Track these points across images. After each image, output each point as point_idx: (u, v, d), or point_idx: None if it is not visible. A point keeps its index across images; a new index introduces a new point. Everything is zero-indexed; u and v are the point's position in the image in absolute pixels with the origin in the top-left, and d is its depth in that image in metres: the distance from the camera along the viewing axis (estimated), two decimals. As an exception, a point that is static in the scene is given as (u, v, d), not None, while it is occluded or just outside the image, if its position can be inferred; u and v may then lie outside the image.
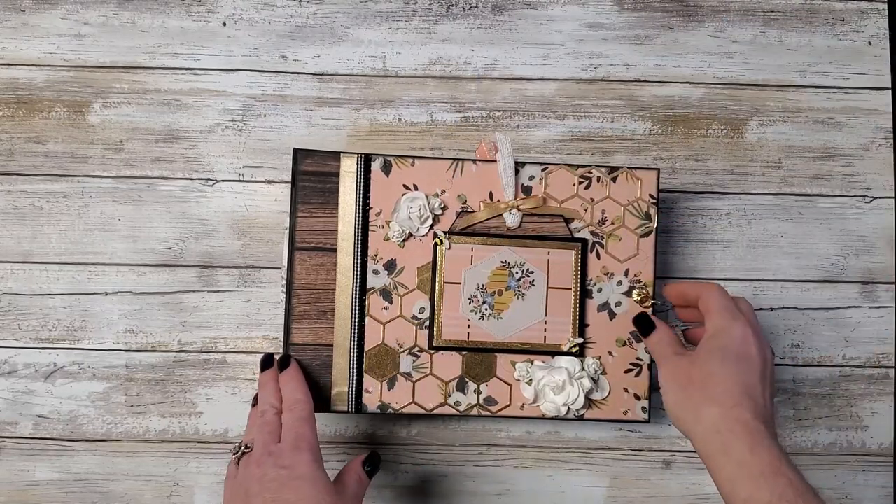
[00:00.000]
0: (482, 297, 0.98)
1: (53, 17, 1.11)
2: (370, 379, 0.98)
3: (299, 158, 0.97)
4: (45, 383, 1.08)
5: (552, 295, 0.99)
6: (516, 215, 0.97)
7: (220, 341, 1.09)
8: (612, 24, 1.15)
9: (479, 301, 0.98)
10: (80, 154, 1.10)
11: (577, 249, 0.99)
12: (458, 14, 1.14)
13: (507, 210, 0.97)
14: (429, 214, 0.97)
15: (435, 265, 0.98)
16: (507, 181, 0.96)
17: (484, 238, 0.98)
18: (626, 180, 1.01)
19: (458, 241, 0.98)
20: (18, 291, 1.08)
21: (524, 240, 0.99)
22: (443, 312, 0.98)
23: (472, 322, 0.98)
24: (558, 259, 0.99)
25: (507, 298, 0.99)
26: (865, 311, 1.13)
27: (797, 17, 1.16)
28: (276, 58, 1.12)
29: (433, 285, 0.98)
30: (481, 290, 0.98)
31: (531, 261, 0.98)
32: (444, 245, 0.97)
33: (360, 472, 0.91)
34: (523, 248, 0.99)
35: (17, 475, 1.07)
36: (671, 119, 1.14)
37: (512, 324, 0.99)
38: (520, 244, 0.99)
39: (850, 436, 1.12)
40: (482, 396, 0.99)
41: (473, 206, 0.99)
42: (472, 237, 0.98)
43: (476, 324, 0.98)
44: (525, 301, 0.99)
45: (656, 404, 1.08)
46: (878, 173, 1.14)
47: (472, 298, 0.98)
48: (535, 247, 0.99)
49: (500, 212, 0.97)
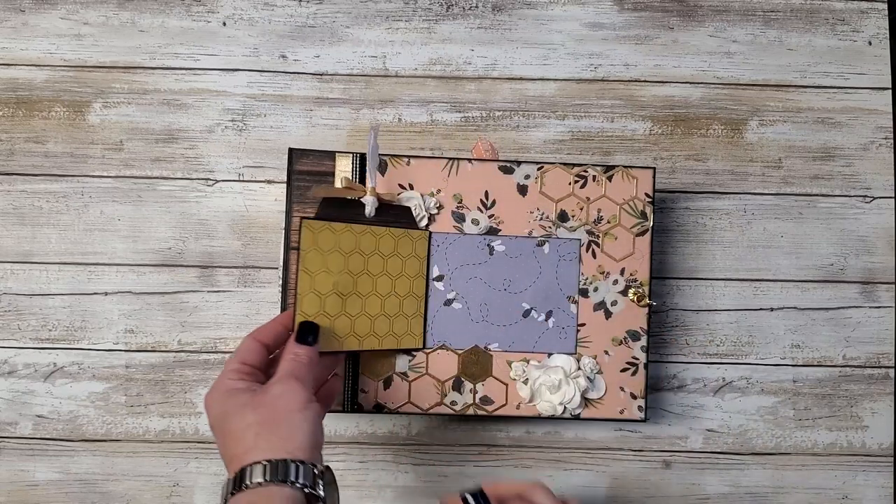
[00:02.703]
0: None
1: (53, 17, 1.11)
2: (366, 378, 0.98)
3: (294, 158, 0.97)
4: (45, 383, 1.08)
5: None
6: (373, 202, 0.95)
7: (220, 341, 1.09)
8: (612, 24, 1.15)
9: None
10: (80, 154, 1.10)
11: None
12: (458, 14, 1.14)
13: (362, 194, 0.95)
14: (424, 214, 0.97)
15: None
16: (370, 171, 0.94)
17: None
18: (622, 179, 1.01)
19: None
20: (18, 291, 1.08)
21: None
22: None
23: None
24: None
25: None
26: (865, 311, 1.13)
27: (797, 17, 1.15)
28: (276, 58, 1.12)
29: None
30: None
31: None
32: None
33: (296, 349, 0.85)
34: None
35: (17, 475, 1.07)
36: (671, 119, 1.14)
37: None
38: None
39: (850, 436, 1.12)
40: (478, 396, 0.99)
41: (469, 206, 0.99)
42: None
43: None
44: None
45: (653, 404, 1.09)
46: (878, 173, 1.14)
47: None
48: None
49: (356, 192, 0.94)
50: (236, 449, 0.75)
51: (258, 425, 0.76)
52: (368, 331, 0.95)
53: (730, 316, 1.12)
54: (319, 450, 0.78)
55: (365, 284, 0.94)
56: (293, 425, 0.76)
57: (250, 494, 0.71)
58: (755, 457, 1.11)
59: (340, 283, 0.92)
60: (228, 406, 0.79)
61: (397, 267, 0.97)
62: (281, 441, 0.75)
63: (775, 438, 1.11)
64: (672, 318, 1.11)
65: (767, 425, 1.12)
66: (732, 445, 1.11)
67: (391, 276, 0.96)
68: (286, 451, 0.74)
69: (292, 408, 0.77)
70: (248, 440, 0.75)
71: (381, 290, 0.96)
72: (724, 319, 1.12)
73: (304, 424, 0.77)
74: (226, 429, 0.78)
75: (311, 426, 0.77)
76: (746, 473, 1.11)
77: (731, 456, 1.11)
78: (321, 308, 0.91)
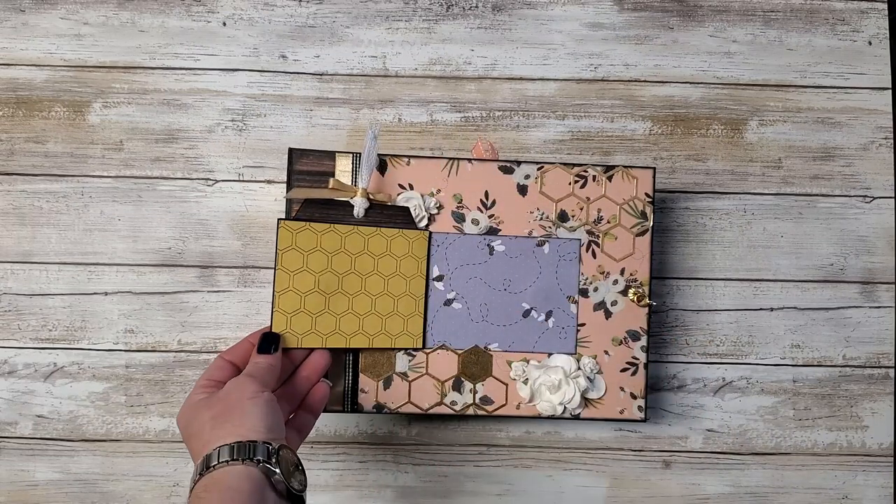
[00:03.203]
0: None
1: (53, 17, 1.11)
2: (366, 378, 0.98)
3: (294, 158, 0.97)
4: (45, 383, 1.08)
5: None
6: (362, 203, 0.95)
7: (220, 341, 1.09)
8: (612, 24, 1.15)
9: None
10: (80, 154, 1.10)
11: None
12: (458, 14, 1.14)
13: (353, 195, 0.95)
14: (424, 214, 0.97)
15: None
16: (366, 170, 0.94)
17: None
18: (622, 179, 1.01)
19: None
20: (18, 291, 1.08)
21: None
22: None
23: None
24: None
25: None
26: (865, 311, 1.13)
27: (797, 17, 1.15)
28: (276, 58, 1.12)
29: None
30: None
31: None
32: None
33: (256, 358, 0.89)
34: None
35: (17, 475, 1.07)
36: (671, 119, 1.14)
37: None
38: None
39: (850, 436, 1.12)
40: (478, 396, 0.99)
41: (469, 206, 0.99)
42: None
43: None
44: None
45: (653, 404, 1.09)
46: (878, 173, 1.14)
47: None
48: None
49: (340, 193, 0.95)
50: (198, 446, 0.79)
51: (213, 419, 0.79)
52: (356, 329, 0.95)
53: (730, 316, 1.12)
54: (277, 432, 0.80)
55: (352, 283, 0.95)
56: (244, 411, 0.79)
57: (208, 478, 0.74)
58: (755, 457, 1.11)
59: (323, 281, 0.93)
60: (190, 414, 0.83)
61: (391, 267, 0.97)
62: (234, 427, 0.78)
63: (775, 438, 1.11)
64: (672, 318, 1.11)
65: (767, 425, 1.12)
66: (732, 445, 1.11)
67: (383, 275, 0.96)
68: (240, 434, 0.77)
69: (242, 397, 0.81)
70: (206, 434, 0.78)
71: (372, 290, 0.96)
72: (724, 319, 1.12)
73: (255, 409, 0.80)
74: (189, 433, 0.81)
75: (263, 409, 0.80)
76: (746, 473, 1.11)
77: (731, 456, 1.11)
78: (301, 306, 0.93)
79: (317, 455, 1.09)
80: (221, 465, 0.74)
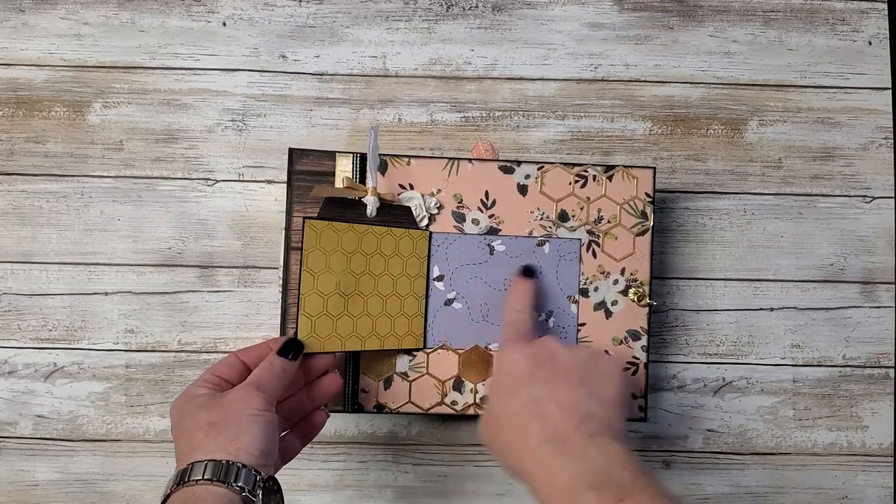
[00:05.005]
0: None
1: (53, 17, 1.11)
2: (366, 378, 0.98)
3: (295, 158, 0.97)
4: (45, 383, 1.08)
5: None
6: (374, 202, 0.95)
7: (220, 341, 1.09)
8: (612, 24, 1.15)
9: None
10: (80, 154, 1.10)
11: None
12: (458, 14, 1.14)
13: (364, 195, 0.95)
14: (425, 214, 0.97)
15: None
16: (371, 171, 0.94)
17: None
18: (622, 179, 1.01)
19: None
20: (18, 291, 1.08)
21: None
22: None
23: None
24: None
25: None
26: (865, 311, 1.13)
27: (797, 17, 1.15)
28: (275, 58, 1.12)
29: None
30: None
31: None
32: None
33: (272, 359, 0.85)
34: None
35: (17, 475, 1.07)
36: (671, 119, 1.14)
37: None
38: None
39: (850, 436, 1.12)
40: (479, 396, 0.99)
41: (469, 206, 0.99)
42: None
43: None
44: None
45: (653, 404, 1.09)
46: (878, 173, 1.14)
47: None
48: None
49: (357, 192, 0.95)
50: (185, 447, 0.77)
51: (208, 425, 0.77)
52: (370, 331, 0.95)
53: (730, 316, 1.12)
54: (269, 458, 0.78)
55: (367, 284, 0.94)
56: (242, 428, 0.77)
57: (187, 492, 0.72)
58: (755, 457, 1.11)
59: (343, 282, 0.92)
60: (186, 409, 0.80)
61: (398, 267, 0.97)
62: (227, 442, 0.75)
63: (775, 438, 1.11)
64: (672, 318, 1.11)
65: (767, 425, 1.12)
66: (732, 445, 1.11)
67: (392, 276, 0.96)
68: (230, 452, 0.74)
69: (245, 412, 0.78)
70: (197, 439, 0.76)
71: (383, 290, 0.96)
72: (724, 319, 1.12)
73: (254, 428, 0.77)
74: (180, 430, 0.79)
75: (262, 431, 0.78)
76: (746, 473, 1.11)
77: (731, 456, 1.11)
78: (324, 308, 0.91)
79: (317, 455, 1.09)
80: (204, 482, 0.72)
